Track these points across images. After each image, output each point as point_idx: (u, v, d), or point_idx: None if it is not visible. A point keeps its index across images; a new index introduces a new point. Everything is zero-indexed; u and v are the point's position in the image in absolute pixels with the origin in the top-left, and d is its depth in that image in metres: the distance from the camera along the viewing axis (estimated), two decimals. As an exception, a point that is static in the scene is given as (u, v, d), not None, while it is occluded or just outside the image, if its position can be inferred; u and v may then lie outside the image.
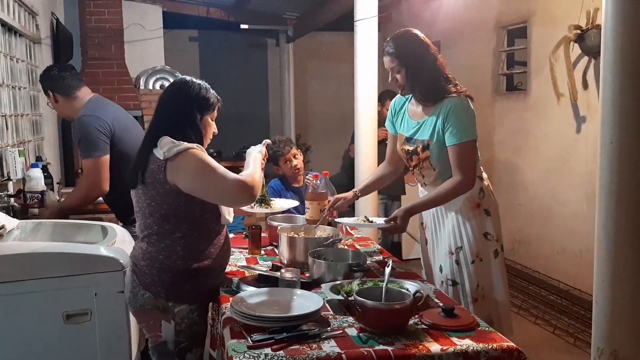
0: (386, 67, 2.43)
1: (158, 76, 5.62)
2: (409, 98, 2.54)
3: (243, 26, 7.17)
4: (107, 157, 2.88)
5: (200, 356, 2.10)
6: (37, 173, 3.41)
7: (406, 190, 4.96)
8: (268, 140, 2.41)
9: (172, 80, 5.54)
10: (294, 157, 3.30)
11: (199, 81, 2.11)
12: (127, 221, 2.94)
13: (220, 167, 1.97)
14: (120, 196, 2.66)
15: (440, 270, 2.50)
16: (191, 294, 2.04)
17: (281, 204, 2.81)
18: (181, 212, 1.99)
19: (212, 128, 2.15)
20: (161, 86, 5.57)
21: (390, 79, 2.44)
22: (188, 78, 2.12)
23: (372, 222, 2.59)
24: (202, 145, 2.08)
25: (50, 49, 4.85)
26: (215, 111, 2.14)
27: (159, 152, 1.95)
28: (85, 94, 3.06)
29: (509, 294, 2.54)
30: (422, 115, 2.44)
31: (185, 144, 1.95)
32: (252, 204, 2.48)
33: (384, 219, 2.47)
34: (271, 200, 2.82)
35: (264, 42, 8.20)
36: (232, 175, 1.97)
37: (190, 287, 2.03)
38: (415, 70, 2.37)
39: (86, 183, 2.92)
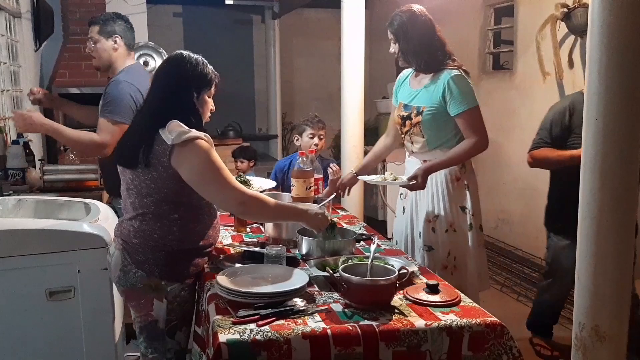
0: (389, 39, 2.65)
1: (141, 52, 5.52)
2: (412, 71, 2.74)
3: (228, 1, 7.06)
4: (127, 127, 2.84)
5: (188, 334, 2.10)
6: (17, 150, 3.36)
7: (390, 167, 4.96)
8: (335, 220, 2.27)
9: (155, 56, 5.50)
10: (320, 137, 3.28)
11: (195, 56, 2.04)
12: (116, 193, 2.91)
13: (224, 171, 1.93)
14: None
15: (420, 236, 2.68)
16: (184, 273, 2.03)
17: (260, 183, 2.78)
18: (181, 197, 1.97)
19: (210, 105, 2.10)
20: (145, 62, 5.48)
21: (391, 49, 2.66)
22: (185, 53, 2.04)
23: (395, 179, 2.64)
24: (201, 124, 2.04)
25: (30, 23, 4.74)
26: (213, 87, 2.09)
27: (167, 136, 1.90)
28: (132, 56, 3.07)
29: (481, 271, 2.70)
30: (420, 84, 2.65)
31: (194, 132, 1.91)
32: None
33: (406, 177, 2.57)
34: (250, 180, 2.79)
35: (249, 19, 8.09)
36: (236, 186, 1.94)
37: (183, 267, 2.02)
38: (407, 44, 2.58)
39: (95, 136, 2.84)
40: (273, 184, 2.85)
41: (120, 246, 2.05)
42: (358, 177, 2.82)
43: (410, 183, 2.51)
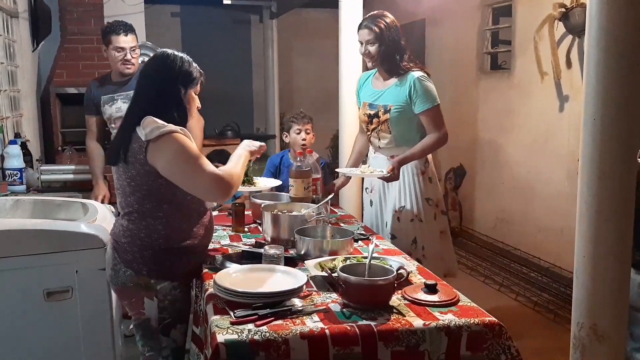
0: (361, 39, 2.82)
1: (140, 52, 5.51)
2: (374, 72, 2.95)
3: (226, 1, 7.05)
4: None
5: (184, 332, 2.10)
6: (15, 150, 3.36)
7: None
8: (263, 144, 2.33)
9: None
10: (305, 131, 3.29)
11: (180, 54, 2.06)
12: None
13: (200, 158, 1.93)
14: None
15: (386, 225, 2.93)
16: (173, 271, 2.03)
17: (265, 183, 2.79)
18: (162, 193, 1.96)
19: (196, 102, 2.11)
20: (142, 62, 5.47)
21: (363, 50, 2.82)
22: (169, 51, 2.07)
23: (372, 172, 2.84)
24: (187, 121, 2.05)
25: (28, 23, 4.73)
26: (199, 85, 2.10)
27: (142, 132, 1.91)
28: None
29: (444, 255, 2.94)
30: (385, 84, 2.86)
31: (170, 127, 1.91)
32: None
33: (385, 170, 2.74)
34: (255, 179, 2.79)
35: (247, 19, 8.08)
36: (210, 168, 1.93)
37: (171, 265, 2.02)
38: (387, 48, 2.77)
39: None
40: (278, 182, 2.84)
41: (112, 245, 2.07)
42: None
43: (388, 175, 2.69)
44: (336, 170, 2.96)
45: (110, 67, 3.38)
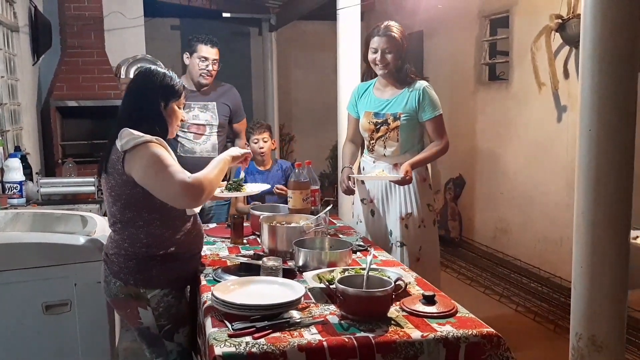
0: (377, 46, 2.81)
1: (139, 65, 5.53)
2: (373, 83, 2.99)
3: (225, 14, 7.09)
4: None
5: (188, 334, 2.10)
6: (15, 163, 3.37)
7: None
8: (249, 151, 2.36)
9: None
10: (263, 140, 3.57)
11: (163, 70, 2.12)
12: None
13: (172, 166, 1.94)
14: None
15: (390, 234, 2.93)
16: (160, 279, 2.04)
17: (252, 188, 2.74)
18: (140, 202, 2.00)
19: (179, 115, 2.15)
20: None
21: (378, 57, 2.81)
22: (152, 67, 2.13)
23: (387, 175, 2.86)
24: (167, 134, 2.09)
25: (28, 37, 4.76)
26: (182, 98, 2.14)
27: (119, 144, 1.96)
28: None
29: (439, 259, 3.09)
30: (392, 94, 2.90)
31: (145, 137, 1.95)
32: (222, 189, 2.45)
33: (399, 174, 2.78)
34: (242, 185, 2.75)
35: (247, 31, 8.13)
36: (179, 175, 1.92)
37: (157, 273, 2.03)
38: (400, 55, 2.82)
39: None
40: (267, 186, 2.81)
41: (102, 258, 2.12)
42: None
43: (401, 178, 2.73)
44: (350, 175, 2.96)
45: (189, 74, 3.51)
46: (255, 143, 3.55)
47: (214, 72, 3.50)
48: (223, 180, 2.38)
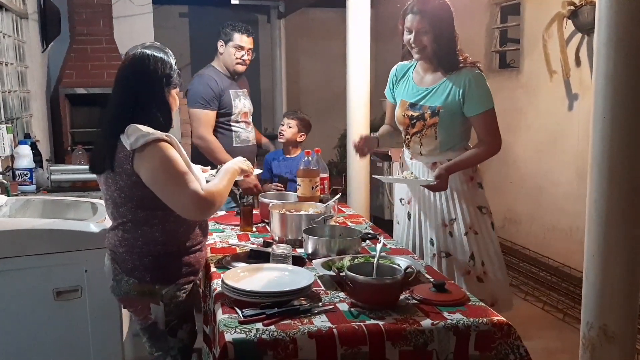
0: (411, 26, 2.40)
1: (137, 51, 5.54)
2: (414, 65, 2.56)
3: (234, 1, 7.06)
4: None
5: (189, 330, 2.10)
6: (25, 150, 3.38)
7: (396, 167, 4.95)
8: (259, 171, 2.36)
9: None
10: (288, 125, 3.56)
11: (158, 53, 1.97)
12: None
13: (185, 174, 1.84)
14: None
15: (432, 243, 2.52)
16: (176, 274, 1.98)
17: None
18: (155, 201, 1.88)
19: (177, 101, 2.03)
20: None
21: (412, 39, 2.40)
22: (148, 52, 1.95)
23: (416, 178, 2.51)
24: (171, 125, 1.98)
25: (37, 24, 4.76)
26: (178, 85, 2.02)
27: (126, 142, 1.83)
28: None
29: (506, 271, 2.59)
30: (433, 82, 2.48)
31: (155, 134, 1.83)
32: (213, 172, 2.42)
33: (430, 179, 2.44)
34: None
35: (255, 19, 8.09)
36: (193, 186, 1.84)
37: (174, 268, 1.98)
38: (441, 36, 2.39)
39: None
40: (259, 171, 2.79)
41: (110, 257, 2.01)
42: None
43: (434, 182, 2.37)
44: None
45: (223, 62, 3.47)
46: (281, 125, 3.60)
47: (249, 61, 3.49)
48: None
